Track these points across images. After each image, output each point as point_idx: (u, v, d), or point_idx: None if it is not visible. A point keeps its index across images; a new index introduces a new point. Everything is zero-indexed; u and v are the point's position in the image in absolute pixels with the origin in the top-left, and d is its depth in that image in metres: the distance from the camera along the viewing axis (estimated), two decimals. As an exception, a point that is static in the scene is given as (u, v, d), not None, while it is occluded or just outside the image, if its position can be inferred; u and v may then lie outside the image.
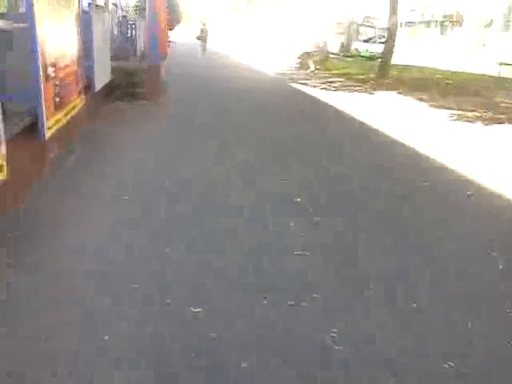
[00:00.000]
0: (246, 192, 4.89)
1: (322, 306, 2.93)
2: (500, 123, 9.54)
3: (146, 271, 3.22)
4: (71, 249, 3.47)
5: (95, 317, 2.69)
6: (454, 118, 10.02)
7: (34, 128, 4.50)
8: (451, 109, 11.01)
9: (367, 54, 29.06)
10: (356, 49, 30.56)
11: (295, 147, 6.94)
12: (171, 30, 35.10)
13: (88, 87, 7.14)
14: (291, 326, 2.71)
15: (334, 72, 19.13)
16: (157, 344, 2.49)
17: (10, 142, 3.73)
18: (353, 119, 9.56)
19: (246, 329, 2.67)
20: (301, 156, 6.45)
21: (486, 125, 9.40)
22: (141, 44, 14.46)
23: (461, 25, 43.42)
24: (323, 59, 21.10)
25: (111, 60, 9.18)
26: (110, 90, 8.94)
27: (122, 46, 13.28)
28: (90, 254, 3.41)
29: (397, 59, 18.25)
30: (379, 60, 18.88)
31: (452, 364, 2.46)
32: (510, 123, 9.55)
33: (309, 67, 20.04)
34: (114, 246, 3.56)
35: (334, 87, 14.61)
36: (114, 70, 9.12)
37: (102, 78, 7.98)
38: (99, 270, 3.19)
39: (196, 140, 6.88)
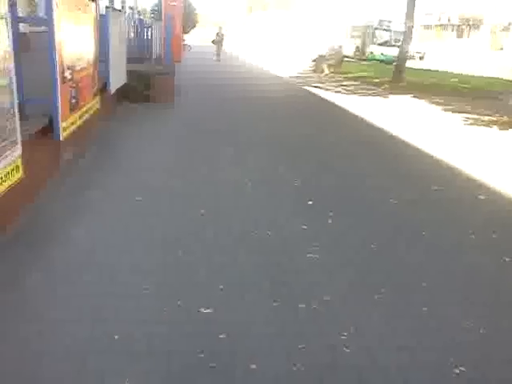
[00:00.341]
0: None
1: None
2: (516, 128, 9.45)
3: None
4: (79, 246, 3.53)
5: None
6: (469, 122, 9.94)
7: (49, 129, 4.58)
8: (466, 113, 10.93)
9: (382, 58, 28.97)
10: (371, 52, 30.49)
11: (306, 149, 6.94)
12: (187, 33, 35.42)
13: (103, 89, 7.24)
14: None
15: (348, 75, 19.13)
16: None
17: (27, 142, 3.80)
18: (366, 123, 9.54)
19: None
20: (310, 158, 6.46)
21: (502, 129, 9.31)
22: (156, 47, 14.61)
23: (478, 28, 43.03)
24: (338, 63, 21.07)
25: (126, 63, 9.29)
26: (124, 92, 9.05)
27: (138, 50, 13.44)
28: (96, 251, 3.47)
29: (412, 63, 18.15)
30: (394, 63, 18.82)
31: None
32: (526, 128, 9.45)
33: (323, 70, 20.02)
34: (123, 244, 3.62)
35: (348, 90, 14.61)
36: (128, 73, 9.23)
37: (117, 80, 8.09)
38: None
39: (210, 144, 6.91)
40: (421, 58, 32.57)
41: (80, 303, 2.82)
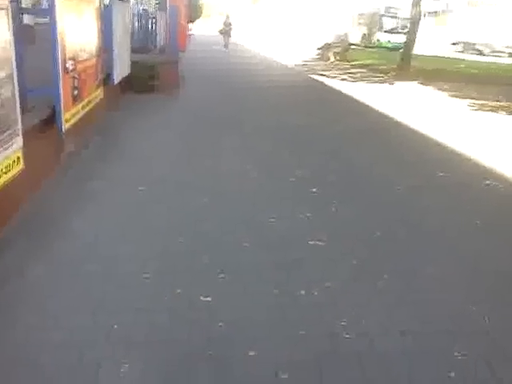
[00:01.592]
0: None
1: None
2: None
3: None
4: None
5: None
6: (475, 107, 9.84)
7: (52, 120, 4.59)
8: (473, 98, 10.81)
9: (389, 45, 28.66)
10: (378, 39, 30.15)
11: (311, 136, 6.91)
12: (192, 22, 35.25)
13: (107, 79, 7.22)
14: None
15: (354, 63, 18.95)
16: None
17: (29, 133, 3.81)
18: (372, 109, 9.46)
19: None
20: (316, 145, 6.42)
21: (509, 114, 9.20)
22: (160, 37, 14.54)
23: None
24: (344, 50, 20.88)
25: (131, 53, 9.26)
26: (128, 82, 9.03)
27: (142, 40, 13.39)
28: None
29: (420, 49, 17.93)
30: (401, 50, 18.60)
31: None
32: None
33: (329, 58, 19.87)
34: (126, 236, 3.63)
35: (354, 78, 14.49)
36: (132, 63, 9.20)
37: (121, 70, 8.06)
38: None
39: (214, 133, 6.89)
40: (510, 55, 26.81)
41: (81, 292, 2.85)
